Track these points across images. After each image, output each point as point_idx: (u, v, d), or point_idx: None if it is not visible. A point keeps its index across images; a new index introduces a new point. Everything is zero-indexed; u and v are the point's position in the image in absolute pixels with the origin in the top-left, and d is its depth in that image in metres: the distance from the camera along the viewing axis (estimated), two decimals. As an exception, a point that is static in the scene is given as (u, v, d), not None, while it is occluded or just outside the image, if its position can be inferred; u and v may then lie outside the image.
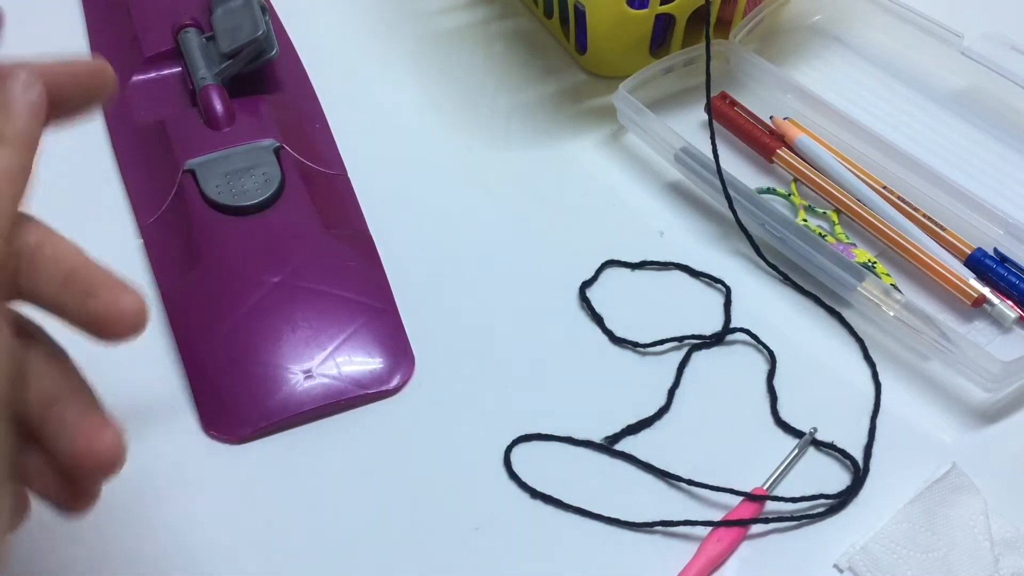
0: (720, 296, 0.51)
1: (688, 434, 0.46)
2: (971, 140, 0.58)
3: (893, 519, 0.43)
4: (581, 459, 0.45)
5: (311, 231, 0.50)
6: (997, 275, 0.50)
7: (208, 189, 0.50)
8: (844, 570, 0.41)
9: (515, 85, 0.62)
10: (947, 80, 0.61)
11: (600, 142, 0.58)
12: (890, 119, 0.59)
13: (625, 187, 0.56)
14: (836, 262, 0.49)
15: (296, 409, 0.45)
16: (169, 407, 0.46)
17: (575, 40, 0.61)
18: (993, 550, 0.42)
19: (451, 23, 0.65)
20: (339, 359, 0.47)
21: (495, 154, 0.57)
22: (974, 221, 0.52)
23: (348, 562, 0.42)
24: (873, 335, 0.49)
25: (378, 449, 0.45)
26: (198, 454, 0.44)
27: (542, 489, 0.44)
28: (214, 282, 0.48)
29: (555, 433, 0.45)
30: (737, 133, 0.58)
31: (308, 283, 0.49)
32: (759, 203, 0.52)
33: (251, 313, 0.47)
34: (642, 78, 0.57)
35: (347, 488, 0.44)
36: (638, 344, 0.49)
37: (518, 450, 0.45)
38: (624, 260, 0.52)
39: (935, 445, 0.46)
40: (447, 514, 0.43)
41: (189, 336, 0.47)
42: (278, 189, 0.51)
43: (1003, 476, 0.45)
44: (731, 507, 0.43)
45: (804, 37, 0.64)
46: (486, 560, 0.42)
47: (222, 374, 0.46)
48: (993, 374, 0.45)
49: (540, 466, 0.44)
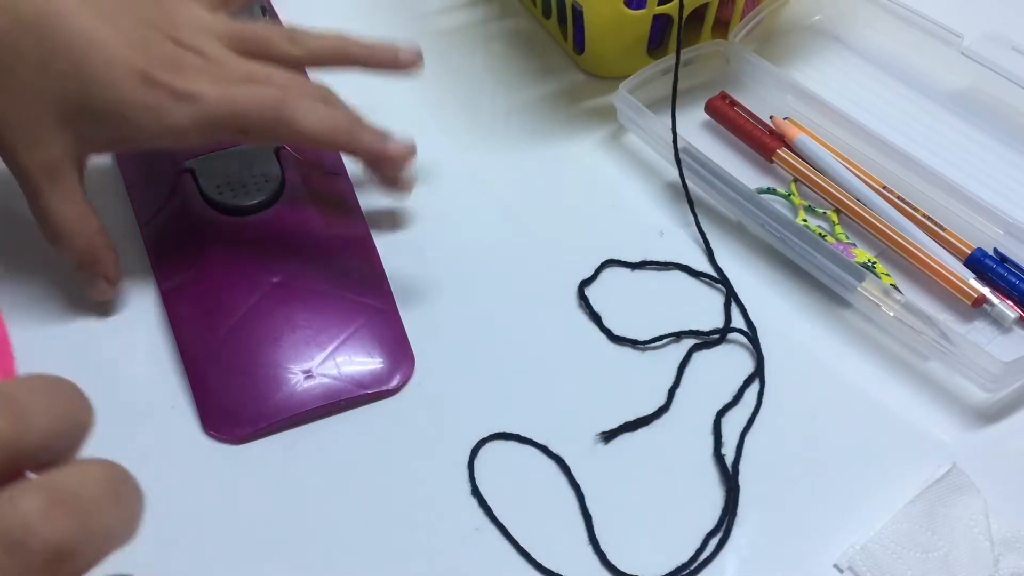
0: (720, 296, 0.51)
1: (688, 434, 0.46)
2: (971, 140, 0.58)
3: (893, 519, 0.43)
4: (570, 460, 0.45)
5: (311, 231, 0.50)
6: (997, 275, 0.50)
7: (208, 189, 0.50)
8: (844, 570, 0.41)
9: (514, 85, 0.62)
10: (947, 80, 0.61)
11: (600, 142, 0.58)
12: (890, 119, 0.59)
13: (625, 187, 0.56)
14: (836, 262, 0.49)
15: (296, 409, 0.45)
16: (169, 407, 0.46)
17: (573, 40, 0.61)
18: (993, 550, 0.42)
19: (450, 23, 0.65)
20: (339, 359, 0.47)
21: (494, 154, 0.57)
22: (974, 221, 0.52)
23: (348, 562, 0.42)
24: (873, 335, 0.49)
25: (378, 449, 0.45)
26: (198, 454, 0.44)
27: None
28: (214, 282, 0.48)
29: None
30: (737, 133, 0.58)
31: (308, 283, 0.49)
32: (759, 203, 0.52)
33: (251, 313, 0.47)
34: (642, 78, 0.57)
35: (347, 488, 0.44)
36: (637, 342, 0.49)
37: (514, 449, 0.45)
38: (624, 260, 0.52)
39: (935, 445, 0.46)
40: (447, 514, 0.43)
41: (189, 336, 0.47)
42: (278, 189, 0.51)
43: (1003, 476, 0.45)
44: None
45: (804, 37, 0.64)
46: (486, 560, 0.42)
47: (222, 374, 0.46)
48: (993, 374, 0.45)
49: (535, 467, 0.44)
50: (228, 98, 0.44)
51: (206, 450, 0.45)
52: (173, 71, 0.44)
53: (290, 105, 0.44)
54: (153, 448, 0.44)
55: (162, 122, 0.43)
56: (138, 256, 0.51)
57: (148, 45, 0.43)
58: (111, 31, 0.43)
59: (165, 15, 0.45)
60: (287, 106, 0.44)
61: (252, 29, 0.48)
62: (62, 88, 0.42)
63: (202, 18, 0.47)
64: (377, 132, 0.47)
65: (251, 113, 0.44)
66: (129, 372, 0.47)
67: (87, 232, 0.46)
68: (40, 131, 0.43)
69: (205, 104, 0.43)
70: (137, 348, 0.48)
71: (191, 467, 0.44)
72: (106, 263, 0.48)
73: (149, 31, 0.44)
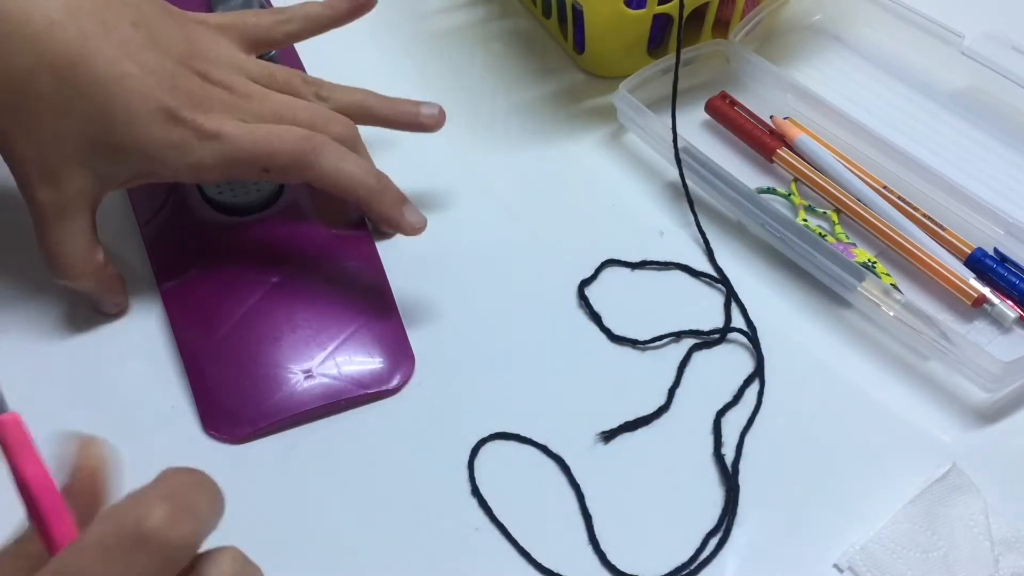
0: (720, 296, 0.51)
1: (688, 434, 0.46)
2: (971, 140, 0.58)
3: (893, 519, 0.43)
4: (570, 460, 0.45)
5: (311, 231, 0.50)
6: (997, 275, 0.50)
7: (208, 188, 0.50)
8: (844, 570, 0.42)
9: (514, 84, 0.62)
10: (947, 80, 0.61)
11: (600, 142, 0.58)
12: (890, 119, 0.59)
13: (625, 187, 0.56)
14: (836, 262, 0.49)
15: (296, 409, 0.45)
16: (169, 407, 0.46)
17: (573, 40, 0.61)
18: (993, 550, 0.42)
19: (450, 22, 0.65)
20: (339, 359, 0.47)
21: (494, 153, 0.57)
22: (974, 221, 0.52)
23: (348, 562, 0.42)
24: (873, 335, 0.49)
25: (378, 449, 0.45)
26: (198, 454, 0.44)
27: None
28: (214, 282, 0.48)
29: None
30: (737, 133, 0.58)
31: (308, 283, 0.49)
32: (759, 203, 0.52)
33: (251, 313, 0.47)
34: (642, 78, 0.57)
35: (347, 488, 0.44)
36: (637, 341, 0.49)
37: (512, 449, 0.45)
38: (624, 260, 0.52)
39: (935, 445, 0.46)
40: (447, 514, 0.43)
41: (189, 336, 0.47)
42: (278, 189, 0.51)
43: (1003, 476, 0.45)
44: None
45: (804, 37, 0.64)
46: (486, 560, 0.42)
47: (222, 374, 0.46)
48: (993, 374, 0.45)
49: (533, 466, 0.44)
50: (253, 139, 0.44)
51: (206, 450, 0.45)
52: (199, 108, 0.43)
53: (315, 151, 0.44)
54: (153, 448, 0.44)
55: (186, 160, 0.43)
56: (138, 256, 0.51)
57: (175, 81, 0.43)
58: (136, 68, 0.42)
59: (194, 50, 0.45)
60: (311, 153, 0.44)
61: (281, 71, 0.48)
62: (84, 129, 0.42)
63: (232, 56, 0.47)
64: (397, 196, 0.47)
65: (275, 156, 0.44)
66: (129, 372, 0.47)
67: (91, 270, 0.46)
68: (58, 171, 0.43)
69: (229, 143, 0.43)
70: (137, 348, 0.48)
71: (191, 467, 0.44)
72: (111, 293, 0.48)
73: (176, 66, 0.44)
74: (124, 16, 0.43)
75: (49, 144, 0.42)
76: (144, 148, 0.43)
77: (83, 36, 0.42)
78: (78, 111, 0.42)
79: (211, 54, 0.46)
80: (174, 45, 0.44)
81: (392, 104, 0.51)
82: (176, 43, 0.44)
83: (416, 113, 0.51)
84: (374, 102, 0.50)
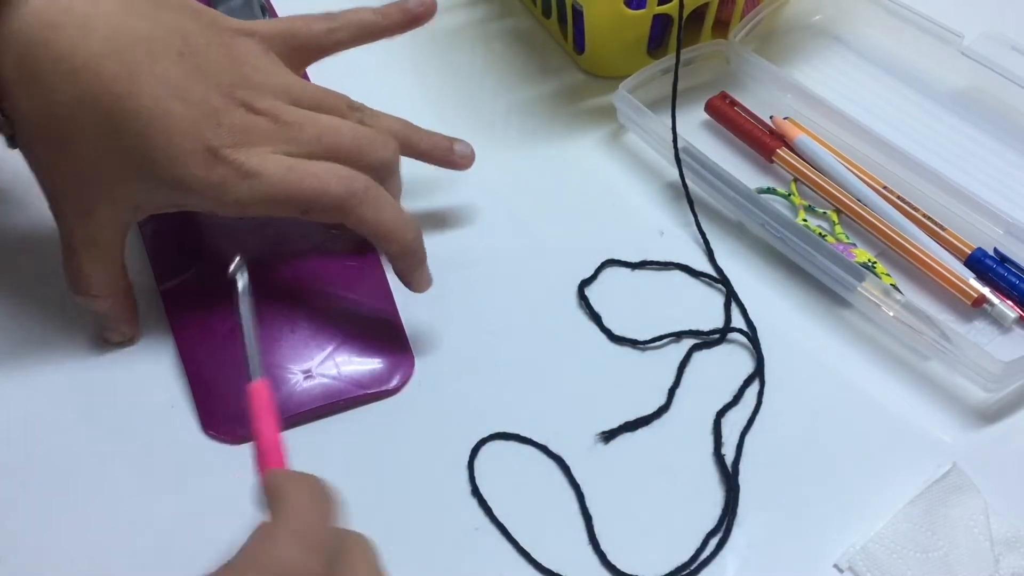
0: (720, 296, 0.51)
1: (688, 434, 0.46)
2: (971, 140, 0.58)
3: (893, 519, 0.43)
4: (570, 460, 0.45)
5: (311, 231, 0.50)
6: (997, 275, 0.50)
7: (208, 189, 0.50)
8: (844, 570, 0.42)
9: (514, 84, 0.62)
10: (947, 80, 0.61)
11: (600, 142, 0.58)
12: (890, 119, 0.59)
13: (625, 187, 0.56)
14: (836, 262, 0.49)
15: (296, 409, 0.45)
16: (169, 407, 0.46)
17: (573, 40, 0.61)
18: (993, 550, 0.42)
19: (450, 23, 0.65)
20: (339, 359, 0.47)
21: (494, 153, 0.57)
22: (974, 221, 0.52)
23: (348, 562, 0.42)
24: (873, 335, 0.49)
25: (378, 449, 0.45)
26: (198, 454, 0.44)
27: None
28: (214, 282, 0.48)
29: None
30: (737, 133, 0.58)
31: (308, 283, 0.49)
32: (759, 203, 0.52)
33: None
34: (642, 78, 0.57)
35: (347, 488, 0.44)
36: (637, 341, 0.49)
37: (510, 449, 0.45)
38: (624, 260, 0.52)
39: (935, 445, 0.46)
40: (447, 514, 0.43)
41: (189, 336, 0.47)
42: (278, 189, 0.51)
43: (1003, 476, 0.45)
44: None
45: (804, 37, 0.64)
46: (486, 560, 0.42)
47: (222, 374, 0.46)
48: (993, 374, 0.45)
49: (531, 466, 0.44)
50: (292, 180, 0.43)
51: (206, 450, 0.45)
52: (241, 145, 0.42)
53: (356, 197, 0.44)
54: (153, 447, 0.44)
55: (225, 198, 0.43)
56: (138, 256, 0.51)
57: (219, 118, 0.42)
58: (179, 105, 0.41)
59: (240, 76, 0.44)
60: (352, 198, 0.44)
61: (328, 97, 0.47)
62: (125, 164, 0.41)
63: (279, 78, 0.45)
64: (422, 257, 0.47)
65: (316, 200, 0.43)
66: (129, 372, 0.47)
67: (113, 295, 0.46)
68: (92, 203, 0.42)
69: (269, 184, 0.43)
70: (137, 348, 0.48)
71: (191, 467, 0.44)
72: (123, 321, 0.47)
73: (221, 99, 0.42)
74: (171, 46, 0.42)
75: (88, 179, 0.42)
76: (183, 185, 0.42)
77: (128, 72, 0.40)
78: (120, 147, 0.41)
79: (257, 78, 0.44)
80: (220, 73, 0.43)
81: (431, 138, 0.51)
82: (222, 71, 0.43)
83: (450, 149, 0.52)
84: (413, 134, 0.50)
